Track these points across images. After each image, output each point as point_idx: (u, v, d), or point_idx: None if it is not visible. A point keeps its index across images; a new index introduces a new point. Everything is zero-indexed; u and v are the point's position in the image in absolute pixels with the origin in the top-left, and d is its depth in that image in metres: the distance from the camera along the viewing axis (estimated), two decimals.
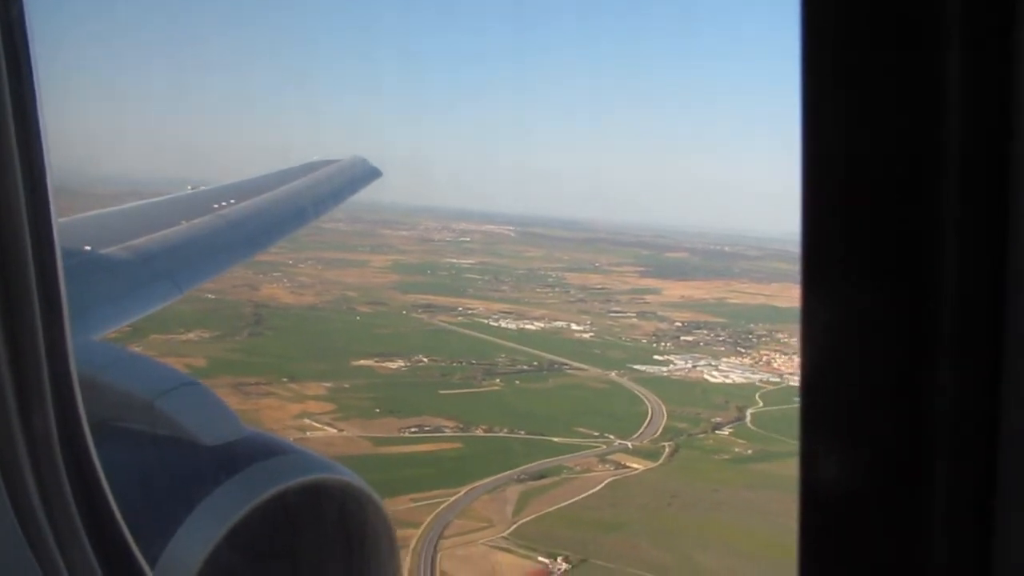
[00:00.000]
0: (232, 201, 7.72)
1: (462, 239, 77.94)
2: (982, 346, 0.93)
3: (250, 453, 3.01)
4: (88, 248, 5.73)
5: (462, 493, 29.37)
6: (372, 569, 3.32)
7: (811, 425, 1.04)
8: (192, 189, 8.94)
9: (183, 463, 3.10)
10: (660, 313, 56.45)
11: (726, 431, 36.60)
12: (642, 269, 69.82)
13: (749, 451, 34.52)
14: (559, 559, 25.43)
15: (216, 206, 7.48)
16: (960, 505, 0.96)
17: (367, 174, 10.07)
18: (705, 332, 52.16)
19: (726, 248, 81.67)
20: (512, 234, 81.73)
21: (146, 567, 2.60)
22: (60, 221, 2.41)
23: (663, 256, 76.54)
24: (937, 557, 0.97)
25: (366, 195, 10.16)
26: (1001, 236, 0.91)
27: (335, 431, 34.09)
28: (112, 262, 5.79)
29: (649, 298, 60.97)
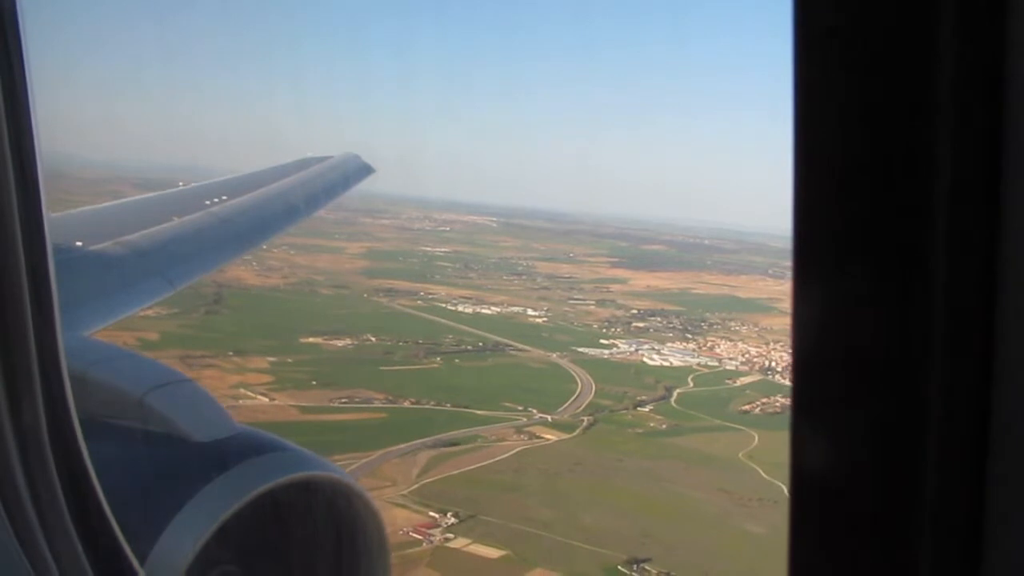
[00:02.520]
0: (224, 197, 7.86)
1: (441, 228, 79.40)
2: (974, 339, 0.96)
3: (240, 450, 3.06)
4: (79, 244, 5.83)
5: (374, 456, 31.50)
6: (362, 566, 3.36)
7: (802, 417, 1.06)
8: (184, 185, 9.10)
9: (173, 459, 3.13)
10: (619, 301, 58.24)
11: (647, 408, 38.70)
12: (615, 260, 71.55)
13: (664, 426, 36.64)
14: (449, 514, 27.55)
15: (208, 202, 7.63)
16: (951, 497, 0.99)
17: (360, 170, 10.32)
18: (658, 319, 54.04)
19: (706, 241, 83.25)
20: (494, 224, 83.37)
21: (136, 563, 2.66)
22: (51, 216, 2.44)
23: (639, 248, 78.19)
24: (927, 550, 1.00)
25: (356, 187, 10.40)
26: (993, 230, 0.94)
27: (267, 400, 36.15)
28: (104, 258, 5.91)
29: (614, 287, 62.69)
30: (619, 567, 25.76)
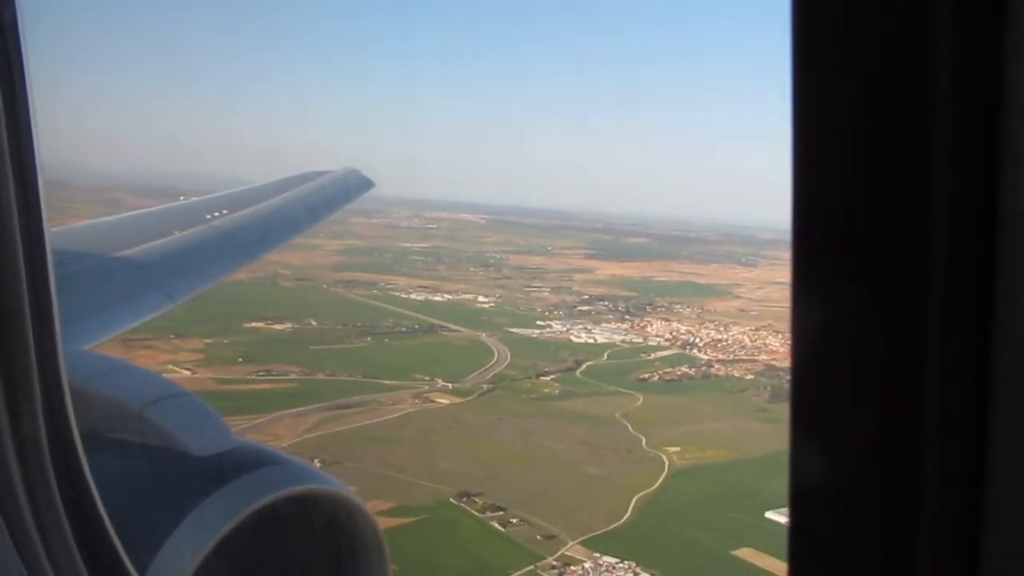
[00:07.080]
0: (225, 212, 8.09)
1: (429, 226, 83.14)
2: (972, 346, 0.98)
3: (240, 464, 3.13)
4: (80, 257, 5.98)
5: (270, 417, 35.58)
6: None
7: (801, 423, 1.08)
8: (184, 199, 9.42)
9: (173, 473, 3.20)
10: (576, 288, 61.83)
11: (549, 377, 42.44)
12: (591, 252, 75.03)
13: (556, 391, 40.42)
14: (316, 460, 31.36)
15: (209, 216, 7.84)
16: (949, 504, 1.01)
17: (360, 185, 10.77)
18: (605, 303, 57.55)
19: (692, 234, 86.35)
20: (482, 222, 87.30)
21: None
22: (52, 230, 2.48)
23: (621, 240, 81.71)
24: (925, 556, 1.03)
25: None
26: (991, 235, 0.95)
27: (189, 373, 40.31)
28: (104, 271, 6.04)
29: (578, 276, 66.17)
30: (450, 499, 29.67)
